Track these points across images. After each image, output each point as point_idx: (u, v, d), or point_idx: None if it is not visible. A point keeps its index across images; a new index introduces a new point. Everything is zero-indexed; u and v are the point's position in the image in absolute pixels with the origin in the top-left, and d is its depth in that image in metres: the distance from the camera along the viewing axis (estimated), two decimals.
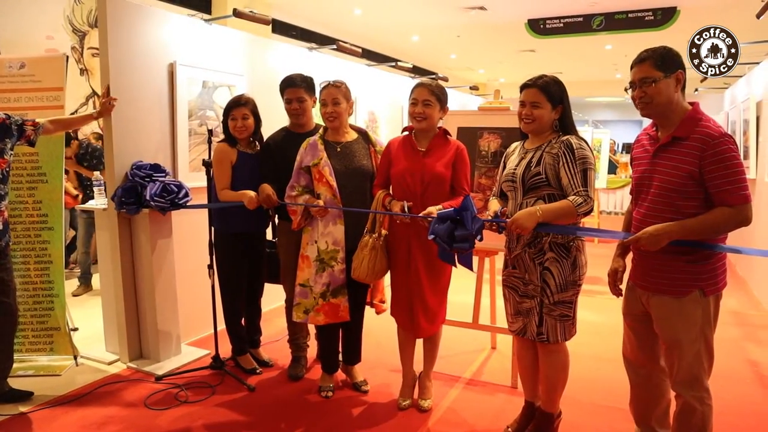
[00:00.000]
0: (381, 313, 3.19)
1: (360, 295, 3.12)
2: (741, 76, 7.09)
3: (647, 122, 2.38)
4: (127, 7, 3.48)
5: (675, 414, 2.25)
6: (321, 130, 3.10)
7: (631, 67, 2.20)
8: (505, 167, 2.64)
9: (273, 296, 4.00)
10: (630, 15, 8.42)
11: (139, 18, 3.55)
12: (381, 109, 6.52)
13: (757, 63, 6.06)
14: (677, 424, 2.24)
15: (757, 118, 5.60)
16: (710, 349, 2.17)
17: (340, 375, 3.36)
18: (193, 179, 3.86)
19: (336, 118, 3.01)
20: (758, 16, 4.08)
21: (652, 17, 8.31)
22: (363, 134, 3.16)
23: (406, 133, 2.96)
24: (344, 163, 3.00)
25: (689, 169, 2.06)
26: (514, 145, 2.69)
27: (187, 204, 3.49)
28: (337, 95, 3.00)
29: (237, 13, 4.22)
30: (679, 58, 2.17)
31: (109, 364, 3.58)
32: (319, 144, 3.01)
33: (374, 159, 3.08)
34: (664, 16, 8.24)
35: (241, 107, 3.26)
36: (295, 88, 3.21)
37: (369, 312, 3.27)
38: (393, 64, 7.17)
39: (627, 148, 18.38)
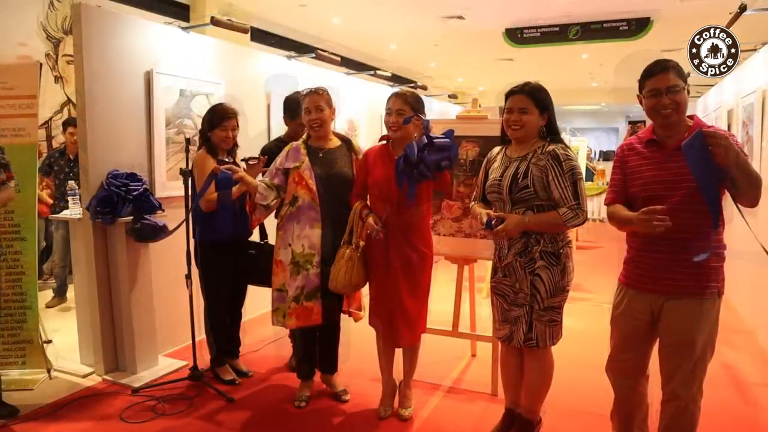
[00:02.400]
0: (358, 321, 3.19)
1: (335, 302, 3.11)
2: (712, 86, 7.25)
3: (624, 130, 2.39)
4: (102, 15, 3.44)
5: (669, 416, 2.25)
6: (304, 136, 3.11)
7: (651, 75, 2.18)
8: (487, 173, 2.65)
9: (253, 306, 3.96)
10: (605, 25, 8.57)
11: (115, 25, 3.51)
12: (360, 118, 6.53)
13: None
14: (669, 427, 2.26)
15: (729, 126, 5.73)
16: (713, 349, 2.24)
17: (320, 384, 3.33)
18: (171, 188, 3.81)
19: (321, 126, 3.01)
20: (727, 27, 4.18)
21: (627, 27, 8.47)
22: (346, 142, 3.17)
23: (383, 142, 2.97)
24: (325, 168, 3.00)
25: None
26: (495, 150, 2.69)
27: (170, 229, 3.44)
28: (320, 102, 3.00)
29: (215, 22, 4.20)
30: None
31: (84, 376, 3.51)
32: (301, 148, 3.03)
33: (355, 167, 3.08)
34: (638, 26, 8.40)
35: (232, 119, 3.31)
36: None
37: (349, 320, 3.26)
38: (372, 72, 7.19)
39: (604, 155, 18.66)
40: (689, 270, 2.17)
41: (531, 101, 2.47)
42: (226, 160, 3.33)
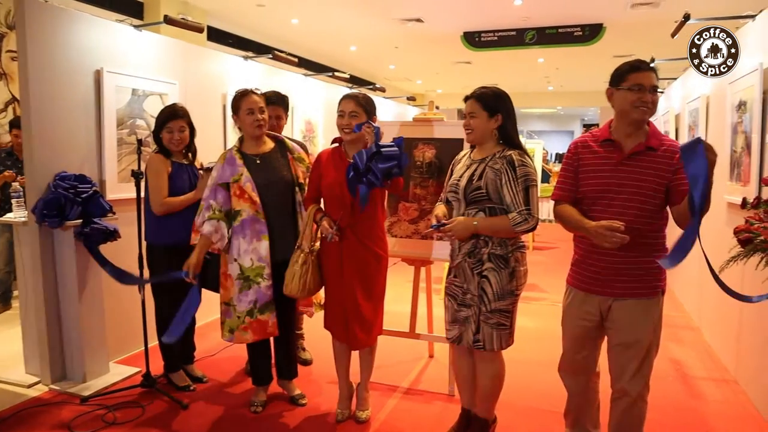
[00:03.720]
0: (311, 317, 3.18)
1: (289, 310, 3.08)
2: (662, 91, 7.51)
3: (579, 133, 2.45)
4: (47, 10, 3.32)
5: (619, 412, 2.32)
6: (237, 142, 3.03)
7: (637, 70, 2.19)
8: (452, 174, 2.68)
9: (207, 310, 3.89)
10: (560, 30, 8.77)
11: (62, 21, 3.40)
12: (318, 119, 6.50)
13: (675, 79, 6.44)
14: (620, 422, 2.32)
15: (676, 131, 5.94)
16: (658, 345, 2.31)
17: (276, 389, 3.30)
18: (122, 190, 3.71)
19: (263, 126, 2.98)
20: (673, 35, 4.33)
21: (581, 33, 8.70)
22: (279, 142, 3.11)
23: (335, 144, 2.95)
24: (265, 176, 2.94)
25: (665, 176, 2.16)
26: (463, 152, 2.73)
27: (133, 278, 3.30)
28: (262, 103, 2.98)
29: (168, 20, 4.09)
30: None
31: (29, 387, 3.37)
32: (237, 158, 2.94)
33: (293, 167, 3.04)
34: (592, 32, 8.64)
35: (178, 119, 3.20)
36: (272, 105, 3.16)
37: (306, 326, 3.24)
38: (330, 74, 7.16)
39: (559, 158, 19.09)
40: (636, 272, 2.24)
41: (478, 105, 2.51)
42: (182, 162, 3.28)
